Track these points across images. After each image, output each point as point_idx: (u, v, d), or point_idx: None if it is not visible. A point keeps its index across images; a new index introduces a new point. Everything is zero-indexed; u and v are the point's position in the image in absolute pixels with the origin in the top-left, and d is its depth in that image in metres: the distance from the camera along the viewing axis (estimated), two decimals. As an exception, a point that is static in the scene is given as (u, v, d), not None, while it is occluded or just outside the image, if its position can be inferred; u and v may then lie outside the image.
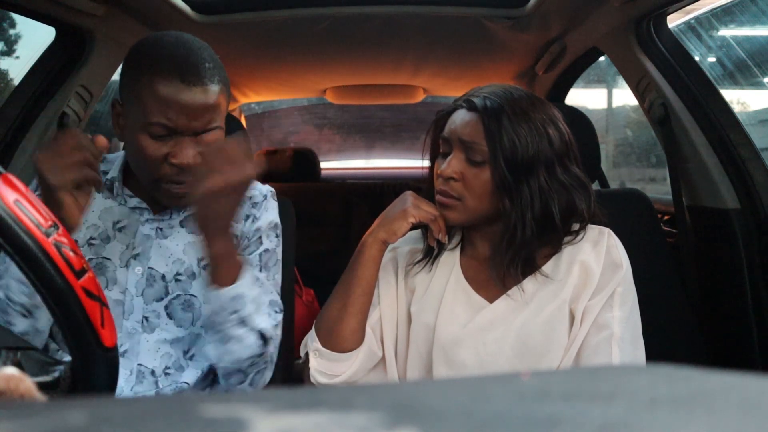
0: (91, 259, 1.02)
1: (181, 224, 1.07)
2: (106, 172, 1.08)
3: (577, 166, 0.98)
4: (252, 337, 0.94)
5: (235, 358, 0.95)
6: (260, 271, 1.06)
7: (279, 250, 1.11)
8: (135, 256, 1.03)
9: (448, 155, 0.98)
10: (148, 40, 0.98)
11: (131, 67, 0.96)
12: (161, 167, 0.94)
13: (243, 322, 0.93)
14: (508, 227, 0.95)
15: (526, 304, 0.97)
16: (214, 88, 0.94)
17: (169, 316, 1.02)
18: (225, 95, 0.97)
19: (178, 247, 1.05)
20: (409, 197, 1.01)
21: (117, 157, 1.10)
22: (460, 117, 0.97)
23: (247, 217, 1.08)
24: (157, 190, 0.99)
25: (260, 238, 1.07)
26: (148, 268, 1.03)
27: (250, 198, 1.10)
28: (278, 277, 1.10)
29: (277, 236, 1.10)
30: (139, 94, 0.92)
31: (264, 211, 1.09)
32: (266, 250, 1.07)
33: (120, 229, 1.04)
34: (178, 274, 1.04)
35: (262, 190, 1.12)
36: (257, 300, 0.95)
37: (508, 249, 0.95)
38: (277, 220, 1.12)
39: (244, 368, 0.97)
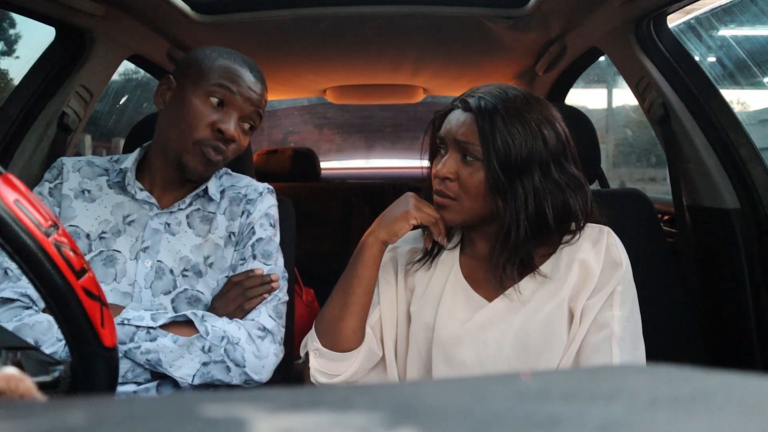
0: (101, 252, 1.05)
1: (188, 224, 1.09)
2: (117, 171, 1.12)
3: (576, 165, 0.98)
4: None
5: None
6: (254, 259, 1.08)
7: (276, 239, 1.13)
8: (144, 249, 1.05)
9: (444, 155, 0.98)
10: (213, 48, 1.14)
11: (200, 56, 1.07)
12: (205, 130, 1.04)
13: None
14: (502, 228, 0.95)
15: (526, 303, 0.97)
16: (266, 93, 1.11)
17: (175, 309, 1.04)
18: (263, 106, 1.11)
19: (185, 247, 1.08)
20: (410, 198, 1.01)
21: (131, 155, 1.13)
22: (456, 117, 0.97)
23: (242, 213, 1.12)
24: (190, 154, 1.05)
25: (252, 228, 1.10)
26: (158, 261, 1.05)
27: (245, 196, 1.13)
28: (280, 262, 1.12)
29: (271, 225, 1.13)
30: (209, 66, 1.05)
31: (258, 204, 1.13)
32: (259, 239, 1.10)
33: (130, 223, 1.07)
34: (185, 269, 1.06)
35: (258, 187, 1.16)
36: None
37: (503, 249, 0.96)
38: (272, 211, 1.14)
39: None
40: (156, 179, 1.10)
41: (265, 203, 1.14)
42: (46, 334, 0.92)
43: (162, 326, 0.97)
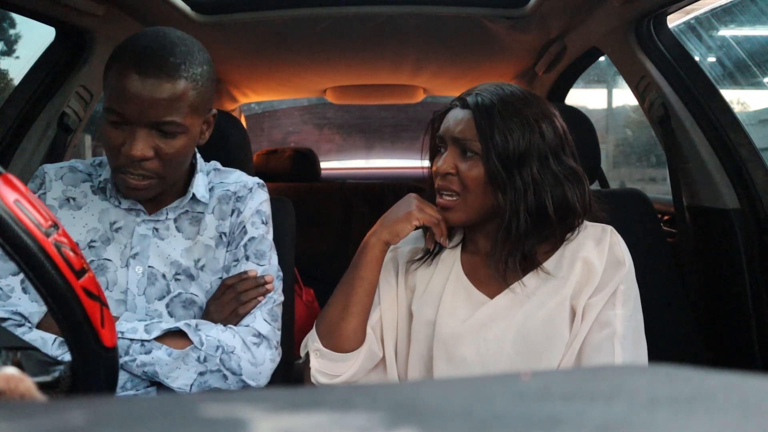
0: (92, 261, 1.03)
1: (177, 228, 1.07)
2: (100, 175, 1.09)
3: (575, 160, 0.99)
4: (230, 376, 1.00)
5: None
6: (247, 260, 1.06)
7: (269, 236, 1.10)
8: (134, 256, 1.04)
9: (444, 153, 0.99)
10: (134, 33, 0.98)
11: (107, 66, 0.97)
12: (116, 157, 0.95)
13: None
14: (503, 221, 0.95)
15: (527, 299, 0.97)
16: (174, 84, 0.92)
17: (170, 314, 1.03)
18: (194, 93, 0.94)
19: (175, 251, 1.05)
20: (413, 200, 1.01)
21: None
22: (454, 115, 0.99)
23: (233, 211, 1.09)
24: (117, 181, 1.00)
25: (244, 227, 1.08)
26: (149, 266, 1.03)
27: (235, 193, 1.10)
28: (274, 261, 1.10)
29: (263, 222, 1.10)
30: (106, 84, 0.95)
31: (249, 201, 1.10)
32: (252, 239, 1.07)
33: (117, 230, 1.05)
34: (176, 274, 1.04)
35: (247, 183, 1.12)
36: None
37: (504, 243, 0.96)
38: (263, 207, 1.11)
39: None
40: None
41: (255, 200, 1.10)
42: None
43: (156, 338, 0.96)
